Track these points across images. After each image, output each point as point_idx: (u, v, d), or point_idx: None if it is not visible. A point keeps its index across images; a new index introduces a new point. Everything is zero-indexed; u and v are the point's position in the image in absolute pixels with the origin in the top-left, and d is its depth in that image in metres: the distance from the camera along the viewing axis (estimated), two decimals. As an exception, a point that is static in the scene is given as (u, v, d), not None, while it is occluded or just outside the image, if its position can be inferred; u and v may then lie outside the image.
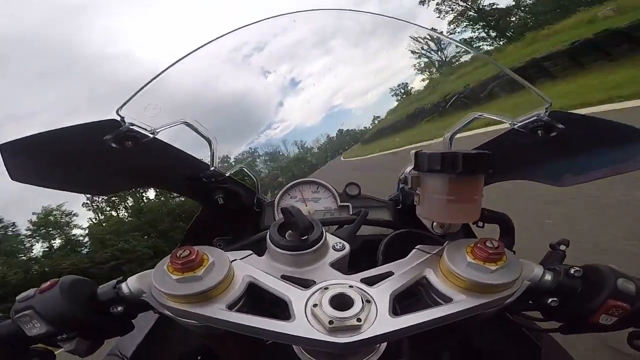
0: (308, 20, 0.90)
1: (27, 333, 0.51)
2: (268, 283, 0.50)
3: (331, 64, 1.88)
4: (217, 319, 0.45)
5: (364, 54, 2.19)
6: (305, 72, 6.13)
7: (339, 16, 0.96)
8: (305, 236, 0.54)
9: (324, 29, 1.02)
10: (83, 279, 0.57)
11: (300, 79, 6.66)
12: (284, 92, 6.29)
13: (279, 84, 4.02)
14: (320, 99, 8.06)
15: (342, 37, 1.14)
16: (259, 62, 1.15)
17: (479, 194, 0.53)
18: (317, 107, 9.34)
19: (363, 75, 3.95)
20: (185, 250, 0.48)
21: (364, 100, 7.53)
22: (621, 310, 0.51)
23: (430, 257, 0.54)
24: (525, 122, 0.66)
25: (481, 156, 0.51)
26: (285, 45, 1.09)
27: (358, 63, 2.45)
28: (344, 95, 10.12)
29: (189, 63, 0.76)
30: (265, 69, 1.27)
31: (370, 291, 0.47)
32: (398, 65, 7.96)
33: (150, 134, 0.67)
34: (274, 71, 1.31)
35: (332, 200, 1.10)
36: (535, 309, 0.58)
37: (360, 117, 8.73)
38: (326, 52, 2.04)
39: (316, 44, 1.77)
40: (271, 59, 1.20)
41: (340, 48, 1.78)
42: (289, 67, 2.04)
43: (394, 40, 1.51)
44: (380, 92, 8.96)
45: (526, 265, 0.55)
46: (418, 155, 0.53)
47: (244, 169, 1.12)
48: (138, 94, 0.65)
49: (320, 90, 7.71)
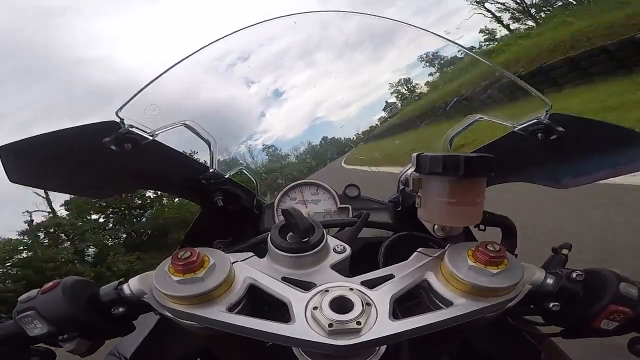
0: (309, 21, 0.91)
1: (29, 333, 0.51)
2: (268, 285, 0.50)
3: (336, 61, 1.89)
4: (218, 321, 0.45)
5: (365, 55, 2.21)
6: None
7: (343, 17, 0.96)
8: (306, 238, 0.53)
9: (326, 29, 1.02)
10: (85, 279, 0.57)
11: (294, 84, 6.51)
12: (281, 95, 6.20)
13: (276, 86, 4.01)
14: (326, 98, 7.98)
15: (346, 37, 1.14)
16: (256, 65, 1.15)
17: (481, 197, 0.53)
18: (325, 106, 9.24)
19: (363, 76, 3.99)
20: (186, 252, 0.48)
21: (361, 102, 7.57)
22: (623, 315, 0.51)
23: (432, 260, 0.54)
24: (525, 125, 0.66)
25: (483, 159, 0.50)
26: (278, 50, 1.10)
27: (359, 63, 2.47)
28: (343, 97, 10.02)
29: (187, 66, 0.76)
30: (263, 72, 1.27)
31: (370, 294, 0.47)
32: (396, 67, 7.99)
33: (149, 136, 0.67)
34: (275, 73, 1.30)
35: (332, 202, 1.10)
36: (536, 313, 0.58)
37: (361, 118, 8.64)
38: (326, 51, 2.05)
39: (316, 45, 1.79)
40: (268, 63, 1.20)
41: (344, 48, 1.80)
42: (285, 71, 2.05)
43: (392, 43, 1.51)
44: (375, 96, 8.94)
45: (528, 269, 0.54)
46: (419, 157, 0.53)
47: (244, 171, 1.12)
48: (137, 96, 0.65)
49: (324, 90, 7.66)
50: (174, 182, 0.92)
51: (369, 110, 1.88)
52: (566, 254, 0.63)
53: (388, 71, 1.84)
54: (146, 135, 0.66)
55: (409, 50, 1.52)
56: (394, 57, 1.85)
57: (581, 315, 0.53)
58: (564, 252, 0.63)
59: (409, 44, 1.38)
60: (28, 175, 0.62)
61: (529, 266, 0.56)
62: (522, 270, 0.50)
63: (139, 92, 0.66)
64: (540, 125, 0.64)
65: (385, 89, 1.70)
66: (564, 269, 0.57)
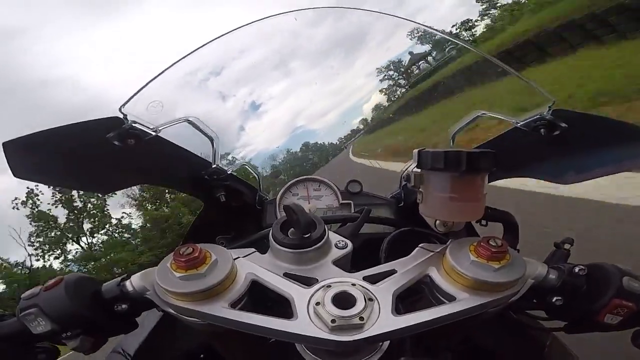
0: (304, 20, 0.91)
1: (32, 331, 0.51)
2: (271, 281, 0.50)
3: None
4: (220, 317, 0.45)
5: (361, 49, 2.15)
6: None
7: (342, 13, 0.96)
8: (307, 234, 0.53)
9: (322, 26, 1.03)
10: (87, 276, 0.57)
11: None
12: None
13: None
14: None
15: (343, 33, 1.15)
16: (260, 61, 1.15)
17: (483, 193, 0.53)
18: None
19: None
20: (188, 248, 0.48)
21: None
22: (626, 309, 0.51)
23: (434, 255, 0.54)
24: (528, 120, 0.66)
25: (485, 154, 0.50)
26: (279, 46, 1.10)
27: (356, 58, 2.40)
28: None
29: (190, 63, 0.76)
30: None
31: (372, 289, 0.47)
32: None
33: (152, 132, 0.67)
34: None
35: (334, 198, 1.10)
36: (539, 307, 0.58)
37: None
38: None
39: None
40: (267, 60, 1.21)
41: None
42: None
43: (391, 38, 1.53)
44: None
45: (530, 263, 0.54)
46: (421, 153, 0.53)
47: (246, 167, 1.12)
48: (140, 92, 0.66)
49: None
50: (176, 178, 0.93)
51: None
52: (568, 248, 0.63)
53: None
54: (149, 131, 0.67)
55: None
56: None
57: (584, 310, 0.53)
58: (566, 247, 0.63)
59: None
60: (32, 171, 0.63)
61: (531, 261, 0.55)
62: (524, 265, 0.50)
63: (142, 88, 0.66)
64: (543, 120, 0.64)
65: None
66: (566, 264, 0.58)
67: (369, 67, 9.15)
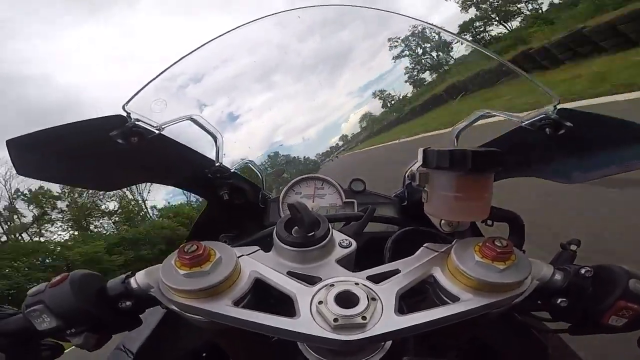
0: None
1: (37, 327, 0.51)
2: (274, 279, 0.50)
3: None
4: (223, 315, 0.45)
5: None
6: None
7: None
8: (311, 232, 0.53)
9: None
10: (93, 273, 0.57)
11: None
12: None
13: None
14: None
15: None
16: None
17: (489, 192, 0.52)
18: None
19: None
20: (192, 245, 0.48)
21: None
22: (632, 311, 0.50)
23: (438, 255, 0.54)
24: (533, 119, 0.66)
25: (491, 154, 0.50)
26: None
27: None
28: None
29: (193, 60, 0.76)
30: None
31: (376, 289, 0.47)
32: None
33: (156, 130, 0.67)
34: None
35: (337, 197, 1.10)
36: (544, 309, 0.57)
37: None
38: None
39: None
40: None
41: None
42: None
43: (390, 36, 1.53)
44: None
45: (536, 264, 0.54)
46: (426, 152, 0.53)
47: (250, 165, 1.12)
48: (144, 90, 0.65)
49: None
50: (180, 176, 0.93)
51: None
52: (575, 249, 0.62)
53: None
54: (152, 129, 0.67)
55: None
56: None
57: (589, 312, 0.53)
58: (573, 248, 0.62)
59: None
60: (35, 168, 0.63)
61: (537, 262, 0.55)
62: (529, 266, 0.49)
63: (145, 86, 0.67)
64: (548, 120, 0.63)
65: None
66: (572, 265, 0.57)
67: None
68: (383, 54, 1.32)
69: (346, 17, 1.02)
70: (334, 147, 1.73)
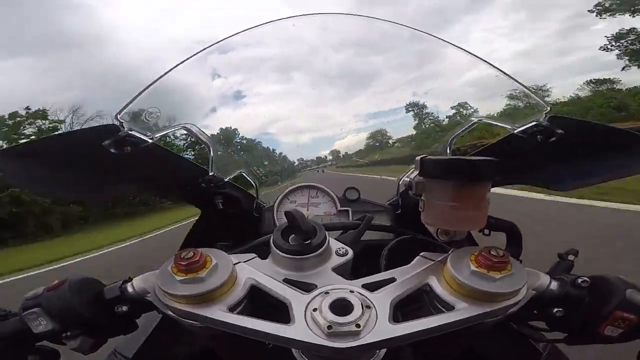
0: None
1: (33, 330, 0.51)
2: (270, 286, 0.50)
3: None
4: (218, 321, 0.45)
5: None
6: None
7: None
8: (308, 240, 0.53)
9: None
10: (91, 278, 0.57)
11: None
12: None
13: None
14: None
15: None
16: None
17: (485, 201, 0.53)
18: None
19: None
20: (189, 252, 0.48)
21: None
22: (628, 321, 0.50)
23: (434, 264, 0.54)
24: (525, 127, 0.66)
25: (488, 163, 0.50)
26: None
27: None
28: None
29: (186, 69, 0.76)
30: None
31: (370, 297, 0.47)
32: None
33: (149, 139, 0.67)
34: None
35: (332, 205, 1.10)
36: (540, 318, 0.57)
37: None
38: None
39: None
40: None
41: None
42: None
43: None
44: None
45: (532, 274, 0.54)
46: (424, 161, 0.53)
47: (244, 174, 1.11)
48: (136, 99, 0.65)
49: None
50: (173, 186, 0.92)
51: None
52: (572, 259, 0.62)
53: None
54: (146, 138, 0.66)
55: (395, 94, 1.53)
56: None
57: (585, 322, 0.53)
58: (570, 258, 0.62)
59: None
60: (28, 179, 0.63)
61: (534, 272, 0.55)
62: (525, 275, 0.49)
63: (137, 96, 0.66)
64: (540, 127, 0.64)
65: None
66: (569, 275, 0.57)
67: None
68: (403, 93, 1.31)
69: (387, 42, 1.02)
70: (321, 159, 1.73)
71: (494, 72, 0.81)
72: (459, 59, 0.77)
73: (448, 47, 0.78)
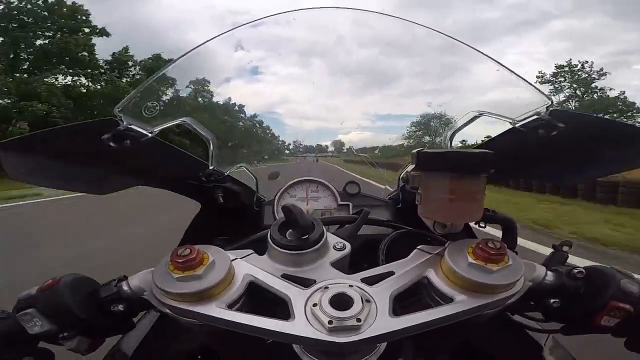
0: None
1: (29, 331, 0.51)
2: (268, 282, 0.50)
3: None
4: (217, 318, 0.45)
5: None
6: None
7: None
8: (306, 235, 0.53)
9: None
10: (85, 276, 0.57)
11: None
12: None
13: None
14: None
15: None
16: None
17: (481, 194, 0.53)
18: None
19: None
20: (185, 249, 0.48)
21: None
22: (624, 311, 0.51)
23: (432, 257, 0.54)
24: (525, 121, 0.66)
25: (484, 155, 0.50)
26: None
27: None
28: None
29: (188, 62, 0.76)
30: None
31: (370, 291, 0.47)
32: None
33: (148, 133, 0.67)
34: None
35: (332, 199, 1.10)
36: (536, 309, 0.58)
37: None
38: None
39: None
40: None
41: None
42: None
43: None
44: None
45: (528, 266, 0.54)
46: (420, 154, 0.53)
47: (244, 168, 1.11)
48: (136, 93, 0.65)
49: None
50: (173, 179, 0.92)
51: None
52: (567, 251, 0.62)
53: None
54: (145, 132, 0.66)
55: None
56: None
57: (582, 312, 0.53)
58: (565, 249, 0.63)
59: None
60: (27, 172, 0.63)
61: (530, 263, 0.55)
62: (522, 267, 0.50)
63: (138, 90, 0.66)
64: (541, 121, 0.64)
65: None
66: (564, 266, 0.57)
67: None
68: (419, 101, 1.30)
69: (416, 47, 1.00)
70: (321, 148, 1.71)
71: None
72: (486, 76, 0.76)
73: (477, 62, 0.78)
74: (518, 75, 0.73)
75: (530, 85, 0.70)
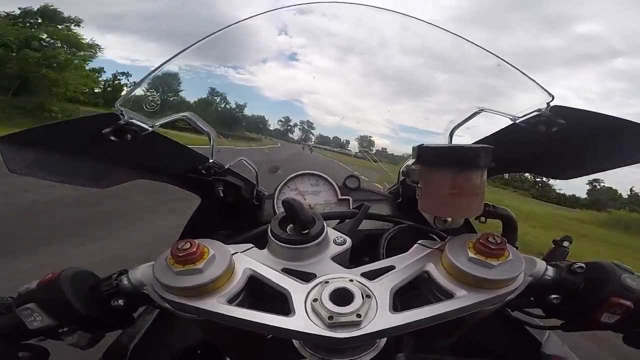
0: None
1: (29, 326, 0.50)
2: (268, 276, 0.50)
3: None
4: (217, 313, 0.45)
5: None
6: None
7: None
8: (306, 230, 0.53)
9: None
10: (85, 270, 0.56)
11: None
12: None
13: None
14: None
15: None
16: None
17: (481, 188, 0.53)
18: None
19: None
20: (186, 243, 0.48)
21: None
22: (624, 308, 0.50)
23: (432, 252, 0.54)
24: (527, 117, 0.66)
25: (483, 150, 0.50)
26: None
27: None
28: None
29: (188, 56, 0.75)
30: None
31: (370, 286, 0.47)
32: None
33: (149, 127, 0.67)
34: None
35: (333, 193, 1.10)
36: (536, 305, 0.58)
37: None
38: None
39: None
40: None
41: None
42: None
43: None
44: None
45: (528, 261, 0.54)
46: (420, 148, 0.53)
47: (244, 161, 1.11)
48: (137, 87, 0.65)
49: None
50: (174, 173, 0.92)
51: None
52: (567, 246, 0.62)
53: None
54: (146, 126, 0.66)
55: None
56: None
57: (582, 308, 0.53)
58: (565, 245, 0.63)
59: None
60: (27, 166, 0.62)
61: (530, 258, 0.55)
62: (523, 262, 0.50)
63: (139, 84, 0.66)
64: (542, 117, 0.64)
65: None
66: (564, 261, 0.57)
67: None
68: (446, 119, 1.28)
69: (462, 63, 0.97)
70: (338, 142, 1.68)
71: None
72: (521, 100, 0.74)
73: (522, 90, 0.76)
74: (520, 71, 0.73)
75: (532, 81, 0.69)
